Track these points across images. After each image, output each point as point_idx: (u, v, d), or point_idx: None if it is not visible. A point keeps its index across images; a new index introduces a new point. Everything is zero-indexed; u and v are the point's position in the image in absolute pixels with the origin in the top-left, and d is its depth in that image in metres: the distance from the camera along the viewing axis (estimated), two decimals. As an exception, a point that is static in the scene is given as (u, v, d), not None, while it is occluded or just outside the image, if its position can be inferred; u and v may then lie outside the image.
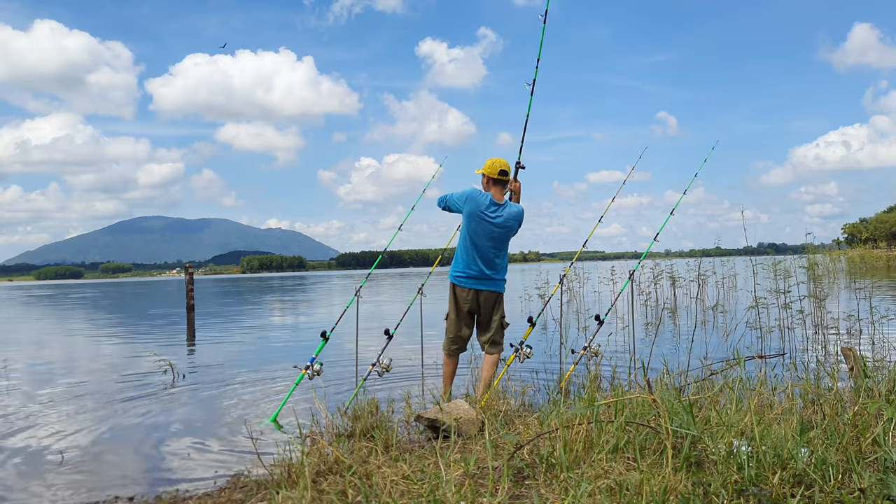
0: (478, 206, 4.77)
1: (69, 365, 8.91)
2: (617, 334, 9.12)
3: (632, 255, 22.33)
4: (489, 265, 4.83)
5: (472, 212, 4.78)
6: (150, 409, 5.69)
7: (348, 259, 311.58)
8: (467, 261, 4.85)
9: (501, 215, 4.78)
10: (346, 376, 6.51)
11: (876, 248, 57.65)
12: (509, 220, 4.80)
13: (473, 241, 4.81)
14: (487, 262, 4.82)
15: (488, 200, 4.78)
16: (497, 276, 4.88)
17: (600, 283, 16.62)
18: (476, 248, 4.81)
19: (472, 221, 4.79)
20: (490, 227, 4.77)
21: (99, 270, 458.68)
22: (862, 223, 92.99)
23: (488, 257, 4.81)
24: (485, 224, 4.77)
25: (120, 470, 4.06)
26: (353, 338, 5.64)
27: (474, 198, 4.80)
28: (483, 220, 4.76)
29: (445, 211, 5.02)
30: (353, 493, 2.66)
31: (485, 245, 4.79)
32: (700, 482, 2.42)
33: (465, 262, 4.86)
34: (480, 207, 4.77)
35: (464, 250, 4.86)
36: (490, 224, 4.76)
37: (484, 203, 4.78)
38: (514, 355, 5.06)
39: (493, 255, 4.82)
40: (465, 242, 4.86)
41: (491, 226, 4.77)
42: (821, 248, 22.52)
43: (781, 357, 5.90)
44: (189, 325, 14.74)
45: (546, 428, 3.18)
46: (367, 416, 4.08)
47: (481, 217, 4.76)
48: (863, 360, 3.99)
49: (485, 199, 4.79)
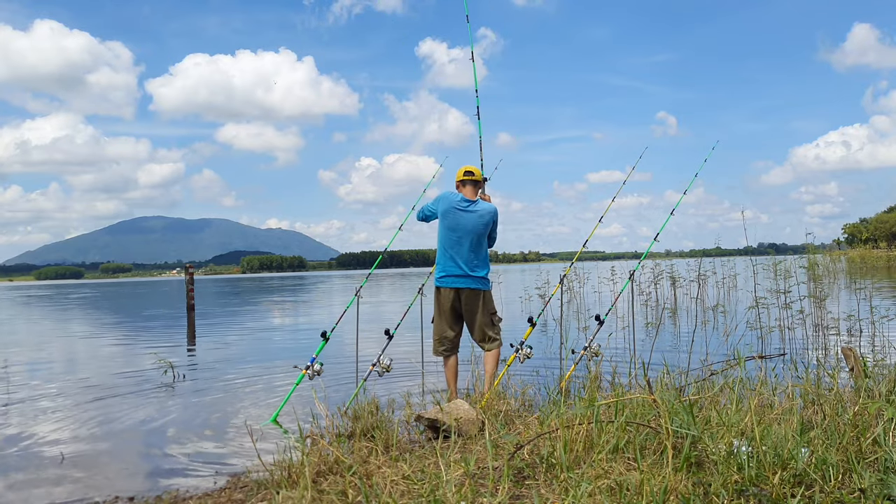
0: (449, 202, 5.00)
1: (69, 365, 8.91)
2: (617, 334, 9.12)
3: (632, 255, 22.34)
4: (467, 263, 4.92)
5: (445, 209, 4.99)
6: (151, 409, 5.69)
7: (348, 259, 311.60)
8: (445, 261, 4.98)
9: (474, 210, 4.97)
10: (347, 376, 6.51)
11: (876, 248, 57.66)
12: (483, 214, 4.97)
13: (450, 238, 4.96)
14: (465, 260, 4.92)
15: (459, 197, 5.02)
16: (476, 273, 4.95)
17: (600, 283, 16.62)
18: (454, 246, 4.94)
19: (447, 218, 4.98)
20: (464, 218, 4.94)
21: (99, 270, 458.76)
22: (862, 223, 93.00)
23: (466, 255, 4.92)
24: (458, 215, 4.95)
25: (120, 470, 4.06)
26: (354, 338, 5.64)
27: (446, 197, 5.05)
28: (456, 213, 4.96)
29: (424, 222, 5.24)
30: (353, 493, 2.67)
31: (461, 240, 4.93)
32: (700, 482, 2.42)
33: (443, 263, 4.99)
34: (452, 203, 4.99)
35: (442, 251, 5.01)
36: (463, 214, 4.95)
37: (455, 199, 5.01)
38: (515, 355, 5.06)
39: (470, 252, 4.93)
40: (442, 243, 5.01)
41: (464, 217, 4.94)
42: (821, 249, 22.52)
43: (782, 357, 5.91)
44: (189, 325, 14.75)
45: (546, 428, 3.18)
46: (368, 416, 4.08)
47: (454, 210, 4.96)
48: (863, 361, 3.99)
49: (455, 197, 5.03)
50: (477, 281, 4.95)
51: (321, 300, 26.67)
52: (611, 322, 10.02)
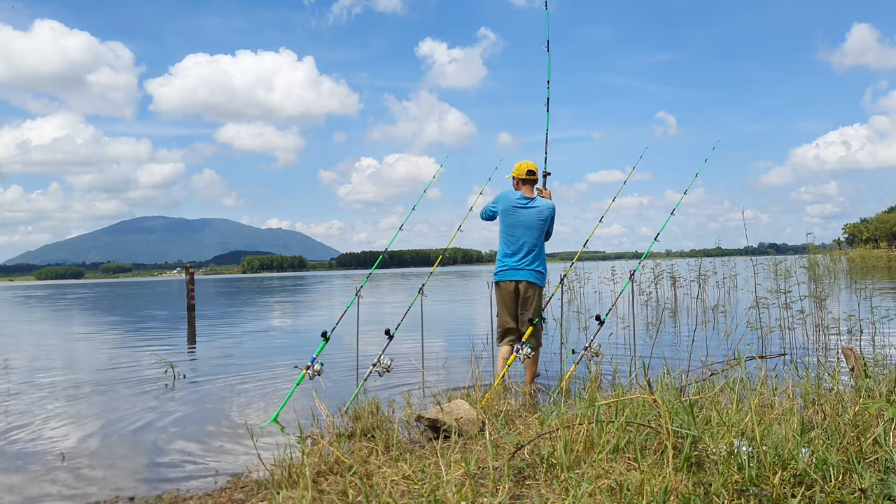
0: (508, 201, 5.35)
1: (69, 365, 8.91)
2: (618, 334, 9.11)
3: (632, 255, 22.32)
4: (525, 257, 5.25)
5: (504, 208, 5.35)
6: (151, 409, 5.69)
7: (349, 259, 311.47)
8: (503, 255, 5.33)
9: (532, 206, 5.30)
10: (347, 376, 6.51)
11: (877, 248, 57.62)
12: (542, 210, 5.30)
13: (509, 234, 5.31)
14: (523, 255, 5.25)
15: (518, 195, 5.36)
16: (532, 267, 5.26)
17: (601, 283, 16.60)
18: (513, 243, 5.29)
19: (506, 216, 5.34)
20: (522, 215, 5.28)
21: (99, 270, 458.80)
22: (863, 223, 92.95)
23: (524, 250, 5.25)
24: (517, 213, 5.29)
25: (120, 470, 4.06)
26: (354, 338, 5.64)
27: (505, 196, 5.40)
28: (515, 210, 5.30)
29: (488, 220, 5.55)
30: (353, 493, 2.66)
31: (520, 236, 5.26)
32: (701, 482, 2.42)
33: (502, 258, 5.34)
34: (511, 201, 5.34)
35: (502, 247, 5.35)
36: (522, 212, 5.29)
37: (514, 197, 5.35)
38: (515, 355, 5.07)
39: (528, 247, 5.25)
40: (502, 239, 5.37)
41: (523, 214, 5.28)
42: (821, 249, 22.50)
43: (782, 357, 5.91)
44: (190, 324, 14.75)
45: (547, 428, 3.18)
46: (368, 416, 4.08)
47: (513, 208, 5.31)
48: (863, 360, 3.98)
49: (514, 195, 5.37)
50: (534, 275, 5.26)
51: (321, 300, 26.67)
52: (611, 322, 10.01)
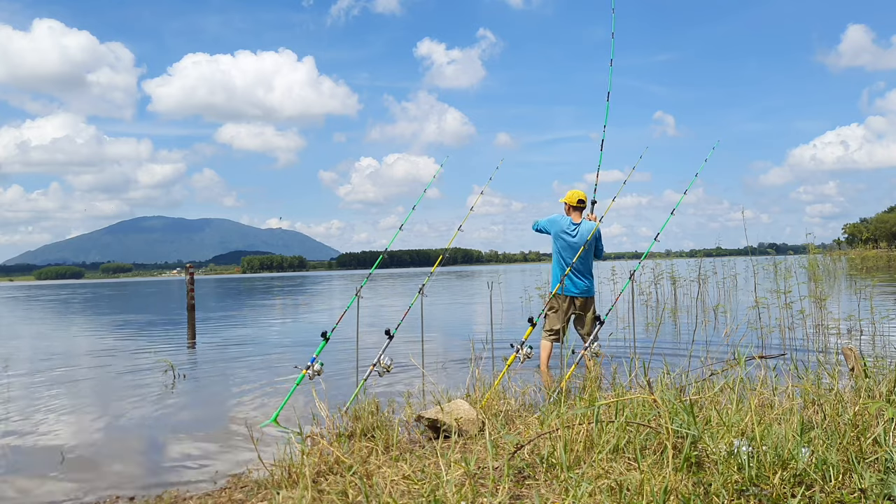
0: (560, 227, 6.17)
1: (69, 364, 8.90)
2: (618, 334, 9.12)
3: (632, 255, 22.31)
4: (578, 274, 6.04)
5: (556, 233, 6.19)
6: (151, 409, 5.69)
7: (349, 259, 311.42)
8: (558, 274, 6.10)
9: (579, 232, 6.09)
10: (347, 376, 6.51)
11: (877, 247, 57.62)
12: (585, 234, 6.05)
13: (561, 255, 6.13)
14: (575, 272, 6.03)
15: (568, 221, 6.16)
16: (585, 281, 6.08)
17: (601, 283, 16.59)
18: (564, 262, 6.09)
19: (558, 240, 6.17)
20: (571, 242, 6.09)
21: (100, 270, 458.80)
22: (863, 223, 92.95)
23: (576, 269, 6.03)
24: (566, 239, 6.12)
25: (120, 469, 4.06)
26: (354, 338, 5.64)
27: (557, 221, 6.21)
28: (565, 236, 6.13)
29: (539, 233, 6.34)
30: (353, 493, 2.66)
31: (570, 257, 6.05)
32: (701, 482, 2.41)
33: (558, 276, 6.10)
34: (562, 228, 6.17)
35: (557, 267, 6.16)
36: (571, 239, 6.10)
37: (564, 224, 6.16)
38: (515, 355, 5.06)
39: (579, 266, 6.03)
40: (555, 258, 6.19)
41: (572, 240, 6.09)
42: (821, 249, 22.49)
43: (782, 357, 5.90)
44: (190, 324, 14.75)
45: (546, 428, 3.18)
46: (368, 416, 4.08)
47: (564, 234, 6.14)
48: (863, 360, 3.98)
49: (565, 221, 6.17)
50: (587, 289, 6.09)
51: (321, 300, 26.67)
52: (611, 322, 10.02)
